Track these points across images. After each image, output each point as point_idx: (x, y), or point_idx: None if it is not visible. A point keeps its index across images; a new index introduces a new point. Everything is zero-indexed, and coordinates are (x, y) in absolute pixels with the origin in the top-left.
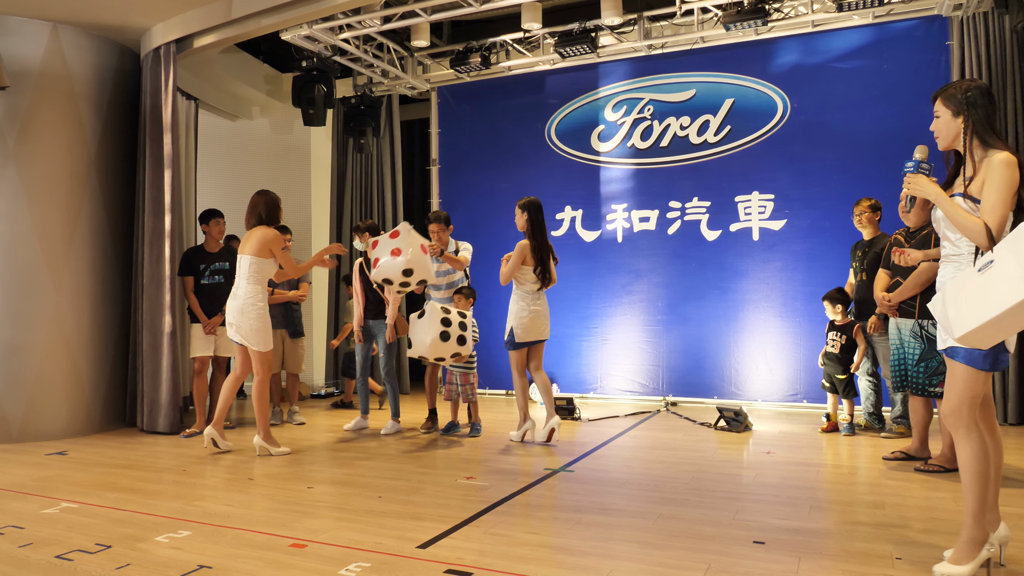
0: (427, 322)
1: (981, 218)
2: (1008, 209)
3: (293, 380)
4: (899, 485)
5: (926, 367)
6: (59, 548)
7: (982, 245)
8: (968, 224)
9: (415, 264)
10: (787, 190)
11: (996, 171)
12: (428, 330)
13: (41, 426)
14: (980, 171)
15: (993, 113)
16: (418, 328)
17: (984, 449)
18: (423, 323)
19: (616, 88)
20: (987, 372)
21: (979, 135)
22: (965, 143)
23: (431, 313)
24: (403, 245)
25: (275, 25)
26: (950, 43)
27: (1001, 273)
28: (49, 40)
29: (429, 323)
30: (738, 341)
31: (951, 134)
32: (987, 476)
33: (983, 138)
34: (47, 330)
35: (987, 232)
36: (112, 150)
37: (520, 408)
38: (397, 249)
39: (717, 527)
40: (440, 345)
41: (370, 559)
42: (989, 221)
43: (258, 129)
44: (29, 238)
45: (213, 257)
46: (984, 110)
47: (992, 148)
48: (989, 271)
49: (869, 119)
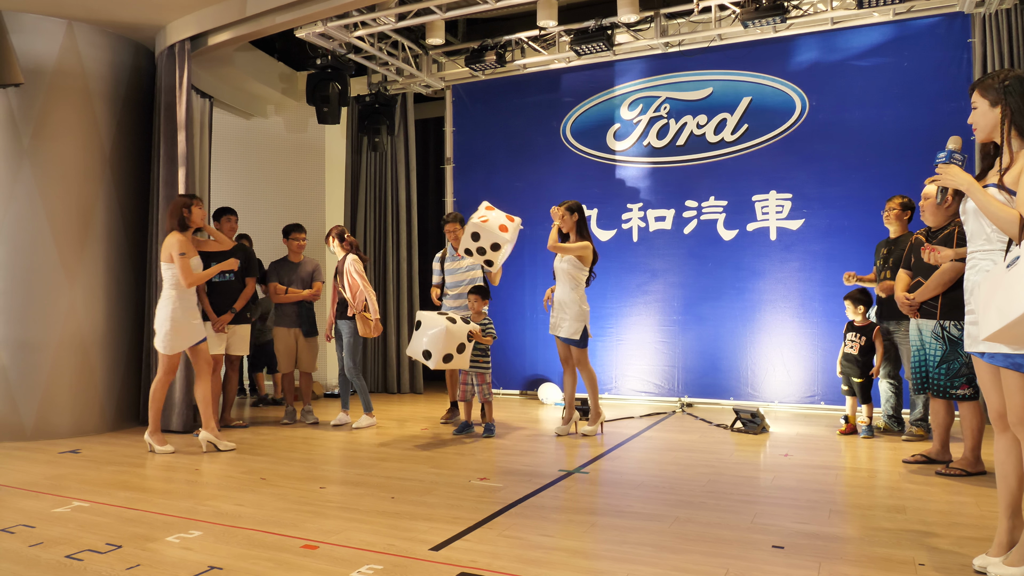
0: (438, 336)
1: (1017, 209)
2: None
3: (307, 379)
4: (920, 489)
5: (947, 369)
6: (70, 548)
7: (1014, 237)
8: (1002, 214)
9: (504, 243)
10: (805, 189)
11: None
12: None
13: (55, 424)
14: (1017, 161)
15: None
16: (427, 337)
17: None
18: (433, 336)
19: (632, 86)
20: None
21: (1017, 125)
22: (1003, 132)
23: (436, 327)
24: (511, 229)
25: (289, 23)
26: (972, 40)
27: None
28: (64, 38)
29: (440, 338)
30: (755, 342)
31: (989, 125)
32: None
33: (1022, 128)
34: (61, 328)
35: (1021, 223)
36: (126, 148)
37: (594, 404)
38: (504, 226)
39: (735, 531)
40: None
41: (382, 561)
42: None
43: (272, 127)
44: (44, 236)
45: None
46: (1022, 99)
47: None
48: (1015, 268)
49: (889, 117)
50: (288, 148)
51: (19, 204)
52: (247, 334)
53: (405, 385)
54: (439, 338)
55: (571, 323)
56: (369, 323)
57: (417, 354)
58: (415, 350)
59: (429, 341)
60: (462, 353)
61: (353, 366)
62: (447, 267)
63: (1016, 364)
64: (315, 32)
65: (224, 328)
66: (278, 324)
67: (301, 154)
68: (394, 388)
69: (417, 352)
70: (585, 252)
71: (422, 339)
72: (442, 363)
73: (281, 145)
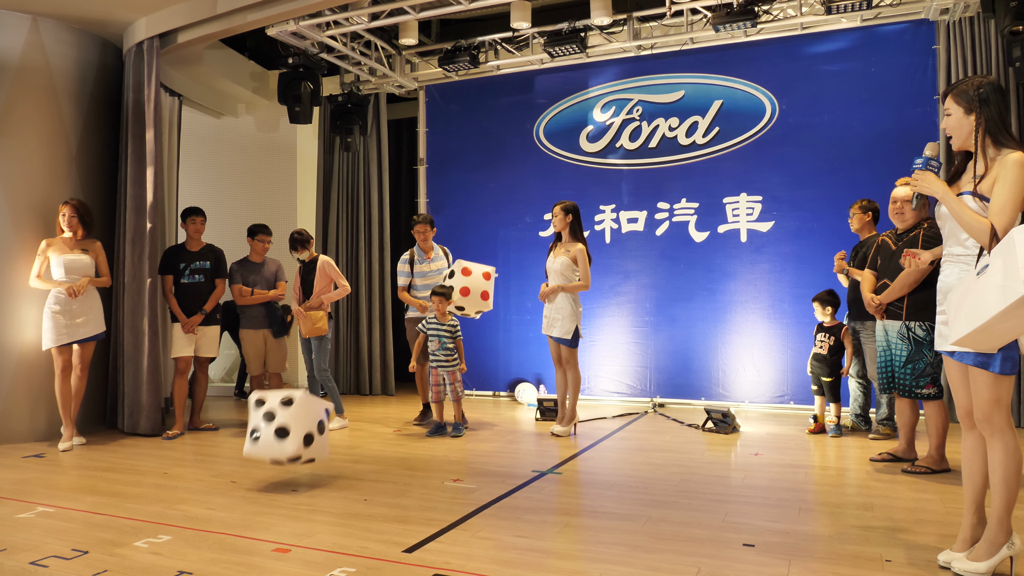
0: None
1: (988, 218)
2: (1018, 211)
3: (276, 380)
4: (887, 487)
5: (913, 369)
6: (34, 554)
7: (985, 245)
8: (973, 223)
9: (488, 308)
10: (775, 192)
11: (1009, 171)
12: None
13: (17, 428)
14: (992, 169)
15: (1007, 110)
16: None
17: (1017, 453)
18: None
19: (605, 88)
20: (1007, 376)
21: (992, 133)
22: (977, 141)
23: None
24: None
25: (261, 21)
26: (936, 47)
27: (989, 279)
28: (29, 33)
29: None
30: (726, 342)
31: (964, 132)
32: (1017, 480)
33: (996, 136)
34: (23, 329)
35: (992, 233)
36: (93, 146)
37: (572, 406)
38: (486, 292)
39: (707, 529)
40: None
41: (355, 564)
42: (997, 222)
43: (243, 126)
44: (6, 235)
45: (193, 256)
46: (997, 107)
47: (1005, 147)
48: (984, 276)
49: (858, 121)
50: (259, 148)
51: None
52: (216, 336)
53: (377, 387)
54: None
55: (564, 323)
56: (312, 320)
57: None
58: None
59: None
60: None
61: (324, 368)
62: (416, 268)
63: (983, 363)
64: (287, 31)
65: (193, 330)
66: (245, 327)
67: (272, 154)
68: (366, 390)
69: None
70: (584, 266)
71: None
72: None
73: (252, 144)
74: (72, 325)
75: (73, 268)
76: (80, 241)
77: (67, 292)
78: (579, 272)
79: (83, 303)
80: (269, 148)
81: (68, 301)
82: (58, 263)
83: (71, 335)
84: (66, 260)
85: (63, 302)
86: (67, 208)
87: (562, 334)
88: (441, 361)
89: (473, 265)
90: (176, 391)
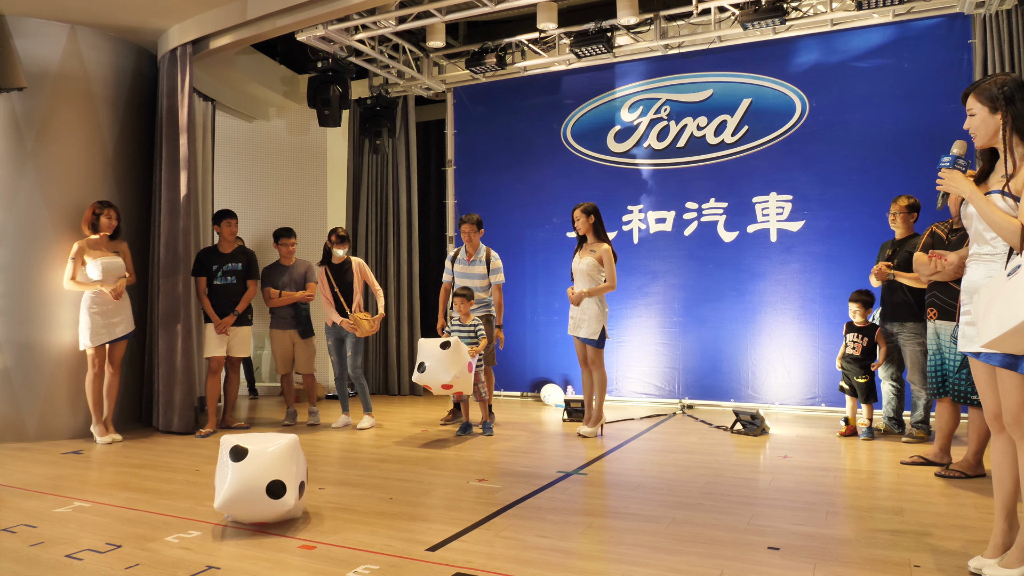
0: (450, 357)
1: (1019, 218)
2: None
3: (309, 380)
4: (919, 491)
5: (968, 374)
6: (69, 547)
7: (1015, 246)
8: (1002, 223)
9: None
10: (806, 191)
11: None
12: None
13: (57, 425)
14: (1021, 168)
15: None
16: (441, 360)
17: None
18: (447, 356)
19: (632, 88)
20: None
21: (1019, 131)
22: (1005, 139)
23: (456, 349)
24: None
25: (290, 26)
26: (972, 41)
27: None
28: (67, 42)
29: (452, 359)
30: (755, 343)
31: (989, 131)
32: None
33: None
34: (64, 329)
35: (1022, 233)
36: (129, 151)
37: (599, 406)
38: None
39: (731, 532)
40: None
41: (379, 561)
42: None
43: (274, 130)
44: (47, 238)
45: (226, 258)
46: (1023, 104)
47: None
48: (1016, 276)
49: (890, 119)
50: (290, 151)
51: (22, 206)
52: (249, 336)
53: (405, 387)
54: (441, 365)
55: (590, 323)
56: (369, 322)
57: (437, 386)
58: (434, 382)
59: (437, 369)
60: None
61: (358, 366)
62: (457, 268)
63: (1011, 364)
64: (316, 35)
65: (226, 330)
66: (274, 327)
67: (303, 157)
68: (395, 390)
69: (436, 384)
70: (610, 266)
71: (434, 373)
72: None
73: (283, 148)
74: (109, 325)
75: (110, 270)
76: (110, 243)
77: (111, 294)
78: (605, 273)
79: (119, 304)
80: (300, 151)
81: (108, 302)
82: (95, 265)
83: (109, 334)
84: (104, 263)
85: (102, 303)
86: (111, 211)
87: (589, 335)
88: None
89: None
90: (209, 390)
